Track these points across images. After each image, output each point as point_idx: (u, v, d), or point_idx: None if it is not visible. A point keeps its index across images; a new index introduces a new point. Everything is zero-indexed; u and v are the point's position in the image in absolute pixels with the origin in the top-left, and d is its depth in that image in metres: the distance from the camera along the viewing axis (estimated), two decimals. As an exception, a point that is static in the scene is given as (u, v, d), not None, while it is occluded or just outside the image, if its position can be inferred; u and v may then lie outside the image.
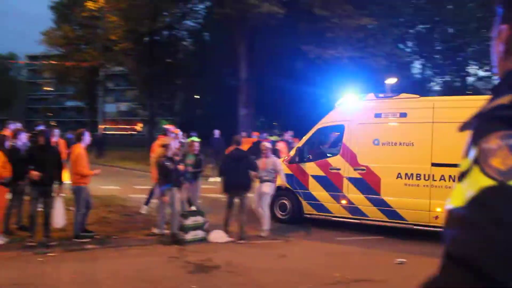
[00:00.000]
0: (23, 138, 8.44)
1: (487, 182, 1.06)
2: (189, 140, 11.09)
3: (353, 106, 9.91)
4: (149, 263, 7.06)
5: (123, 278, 6.29)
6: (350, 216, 9.56)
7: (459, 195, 1.49)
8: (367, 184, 9.28)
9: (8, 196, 8.22)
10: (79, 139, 8.35)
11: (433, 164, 8.55)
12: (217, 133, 18.54)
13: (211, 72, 34.11)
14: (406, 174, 8.69)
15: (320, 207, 9.93)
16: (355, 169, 9.46)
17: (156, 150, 8.95)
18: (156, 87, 35.00)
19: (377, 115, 9.43)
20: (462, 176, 1.55)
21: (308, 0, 21.65)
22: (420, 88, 37.99)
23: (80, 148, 8.23)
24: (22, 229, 8.51)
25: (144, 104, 42.46)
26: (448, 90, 45.13)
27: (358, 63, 24.06)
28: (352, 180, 9.49)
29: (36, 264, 6.83)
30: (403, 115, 9.13)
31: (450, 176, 8.39)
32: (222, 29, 28.49)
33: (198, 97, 48.41)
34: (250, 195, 9.13)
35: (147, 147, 10.23)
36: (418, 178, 8.67)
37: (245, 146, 10.02)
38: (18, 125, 10.16)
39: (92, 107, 51.37)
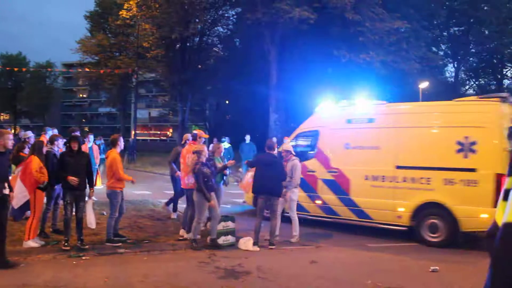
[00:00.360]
0: (60, 144, 8.61)
1: None
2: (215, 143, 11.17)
3: (327, 113, 10.84)
4: (180, 267, 7.08)
5: (154, 282, 6.31)
6: (325, 215, 10.27)
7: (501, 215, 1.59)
8: (339, 185, 10.01)
9: (44, 200, 8.39)
10: (114, 144, 8.46)
11: (397, 167, 9.19)
12: (248, 138, 18.56)
13: (242, 77, 34.24)
14: (373, 176, 9.29)
15: (298, 206, 10.14)
16: (328, 172, 10.22)
17: (188, 156, 8.96)
18: (187, 93, 35.36)
19: (348, 121, 10.27)
20: (507, 194, 1.64)
21: (340, 4, 21.47)
22: (453, 91, 37.18)
23: (115, 153, 8.34)
24: (57, 232, 8.70)
25: (175, 109, 42.99)
26: (483, 93, 44.03)
27: (391, 67, 23.71)
28: (325, 181, 10.21)
29: (70, 267, 6.93)
30: (371, 120, 9.88)
31: (412, 178, 9.03)
32: (252, 34, 28.56)
33: (228, 102, 48.63)
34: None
35: (178, 152, 10.62)
36: (383, 180, 9.30)
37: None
38: (55, 131, 10.39)
39: (124, 113, 52.39)
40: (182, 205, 10.14)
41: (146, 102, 75.02)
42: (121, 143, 8.56)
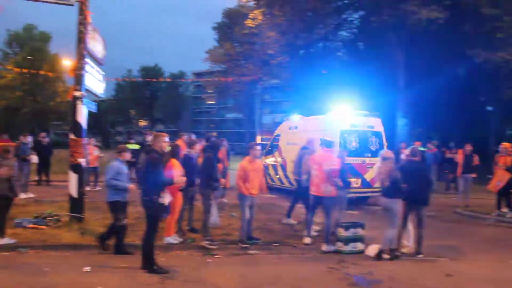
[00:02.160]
0: (197, 148, 9.21)
1: None
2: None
3: (284, 123, 17.68)
4: (310, 272, 7.13)
5: (285, 285, 6.43)
6: (279, 184, 16.68)
7: None
8: (284, 167, 16.24)
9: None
10: (248, 151, 8.89)
11: None
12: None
13: (366, 81, 33.47)
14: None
15: (271, 179, 17.18)
16: (281, 159, 16.60)
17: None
18: (308, 99, 35.47)
19: (290, 128, 16.78)
20: None
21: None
22: None
23: (244, 161, 8.75)
24: (193, 231, 9.29)
25: (299, 115, 43.28)
26: None
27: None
28: (280, 165, 16.53)
29: (205, 264, 7.38)
30: (296, 127, 16.27)
31: None
32: (376, 37, 27.78)
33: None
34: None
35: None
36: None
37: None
38: (193, 136, 11.09)
39: (250, 118, 54.12)
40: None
41: (271, 107, 76.71)
42: (256, 152, 8.85)
